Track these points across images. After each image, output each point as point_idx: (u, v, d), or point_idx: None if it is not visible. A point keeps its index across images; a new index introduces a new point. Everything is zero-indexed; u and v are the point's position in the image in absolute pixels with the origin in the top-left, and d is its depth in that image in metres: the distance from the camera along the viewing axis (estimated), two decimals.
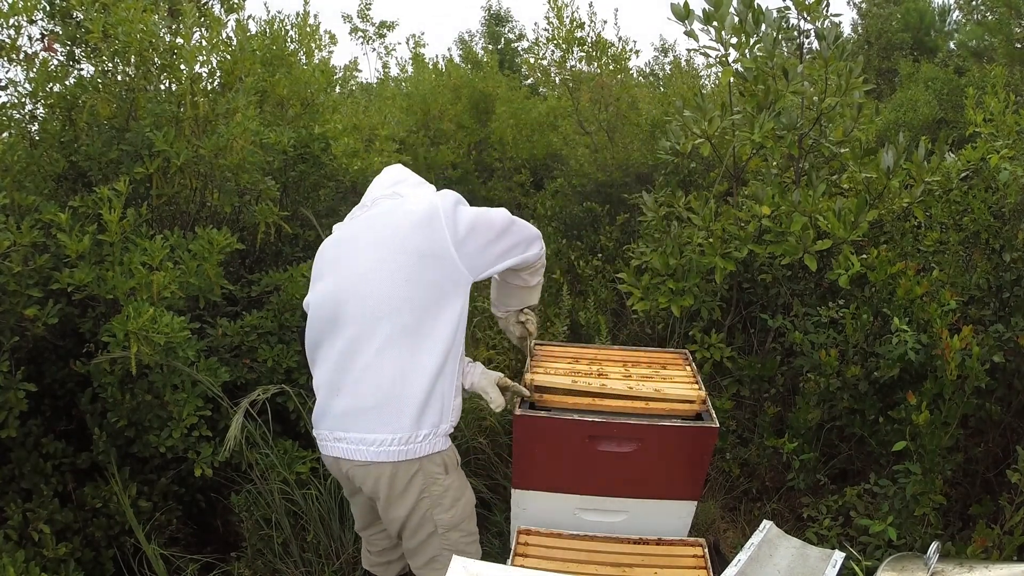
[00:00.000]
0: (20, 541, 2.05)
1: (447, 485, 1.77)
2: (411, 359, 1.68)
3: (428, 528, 1.79)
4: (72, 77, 2.69)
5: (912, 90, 6.82)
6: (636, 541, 1.79)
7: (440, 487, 1.76)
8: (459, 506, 1.80)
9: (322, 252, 1.89)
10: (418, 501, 1.76)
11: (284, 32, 3.81)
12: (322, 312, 1.78)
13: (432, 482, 1.75)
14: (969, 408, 2.10)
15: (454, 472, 1.80)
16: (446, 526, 1.78)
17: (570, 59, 4.99)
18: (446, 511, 1.78)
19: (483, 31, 13.39)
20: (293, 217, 3.24)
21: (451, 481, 1.78)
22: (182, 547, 2.43)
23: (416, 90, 6.23)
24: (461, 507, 1.80)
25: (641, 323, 3.44)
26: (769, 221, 2.44)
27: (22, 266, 2.11)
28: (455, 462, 1.82)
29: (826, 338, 2.46)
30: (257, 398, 2.11)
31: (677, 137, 2.85)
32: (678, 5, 2.54)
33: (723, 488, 2.71)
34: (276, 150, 3.01)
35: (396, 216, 1.76)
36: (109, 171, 2.58)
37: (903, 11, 11.21)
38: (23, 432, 2.18)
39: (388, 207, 1.81)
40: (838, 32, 2.47)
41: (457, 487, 1.80)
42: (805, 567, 1.65)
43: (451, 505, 1.78)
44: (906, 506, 2.06)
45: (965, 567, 1.60)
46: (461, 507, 1.80)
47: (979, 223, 2.54)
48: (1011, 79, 5.52)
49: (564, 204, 4.66)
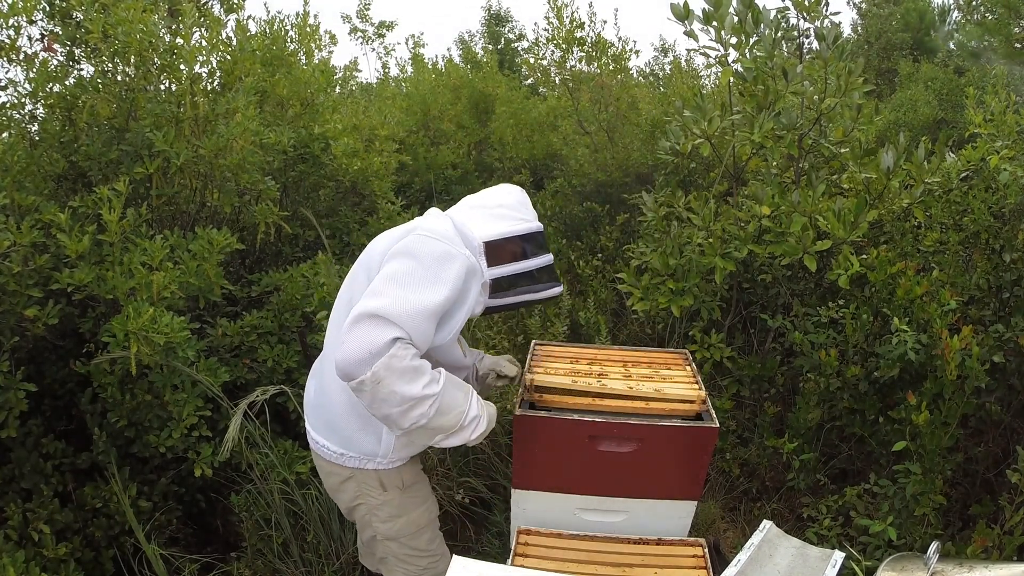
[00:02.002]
0: (20, 541, 2.05)
1: (383, 500, 1.74)
2: (330, 379, 1.66)
3: (370, 531, 1.81)
4: (72, 77, 2.69)
5: (912, 90, 6.82)
6: (636, 541, 1.79)
7: (375, 500, 1.75)
8: (398, 522, 1.76)
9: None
10: (355, 503, 1.78)
11: (284, 32, 3.81)
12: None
13: (366, 492, 1.74)
14: (969, 408, 2.10)
15: (394, 491, 1.74)
16: (384, 535, 1.79)
17: (570, 59, 4.99)
18: (383, 522, 1.77)
19: (483, 31, 13.40)
20: (293, 217, 3.24)
21: (389, 498, 1.74)
22: (182, 547, 2.43)
23: (416, 90, 6.24)
24: (401, 524, 1.77)
25: (641, 323, 3.44)
26: (769, 221, 2.44)
27: (22, 266, 2.11)
28: (399, 483, 1.74)
29: (826, 338, 2.46)
30: (256, 399, 2.11)
31: (677, 137, 2.84)
32: (678, 5, 2.54)
33: (723, 488, 2.71)
34: (276, 150, 3.01)
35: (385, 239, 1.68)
36: (109, 171, 2.58)
37: (903, 11, 11.21)
38: (23, 432, 2.18)
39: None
40: (838, 32, 2.46)
41: (397, 504, 1.75)
42: (805, 567, 1.65)
43: (388, 519, 1.76)
44: (906, 506, 2.07)
45: (965, 567, 1.60)
46: (401, 524, 1.77)
47: (979, 223, 2.54)
48: (1011, 79, 5.51)
49: (564, 204, 4.66)
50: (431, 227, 1.58)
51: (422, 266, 1.47)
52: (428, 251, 1.49)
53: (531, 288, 1.71)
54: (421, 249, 1.49)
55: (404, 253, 1.49)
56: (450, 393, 1.48)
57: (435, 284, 1.46)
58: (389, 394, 1.38)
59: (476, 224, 1.67)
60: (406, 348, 1.39)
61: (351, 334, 1.36)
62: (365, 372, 1.35)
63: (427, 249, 1.49)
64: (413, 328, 1.40)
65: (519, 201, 1.76)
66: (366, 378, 1.35)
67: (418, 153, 5.24)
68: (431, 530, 1.84)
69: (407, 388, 1.38)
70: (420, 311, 1.41)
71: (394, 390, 1.37)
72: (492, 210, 1.71)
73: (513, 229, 1.69)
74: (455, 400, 1.49)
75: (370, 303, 1.38)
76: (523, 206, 1.77)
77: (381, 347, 1.35)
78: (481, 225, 1.67)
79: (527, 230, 1.71)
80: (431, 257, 1.48)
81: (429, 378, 1.43)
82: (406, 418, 1.42)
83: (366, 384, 1.36)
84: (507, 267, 1.67)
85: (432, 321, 1.45)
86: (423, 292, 1.43)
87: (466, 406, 1.51)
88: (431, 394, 1.42)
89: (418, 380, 1.40)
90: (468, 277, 1.55)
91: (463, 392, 1.53)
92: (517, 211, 1.73)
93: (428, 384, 1.42)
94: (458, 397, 1.50)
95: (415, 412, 1.41)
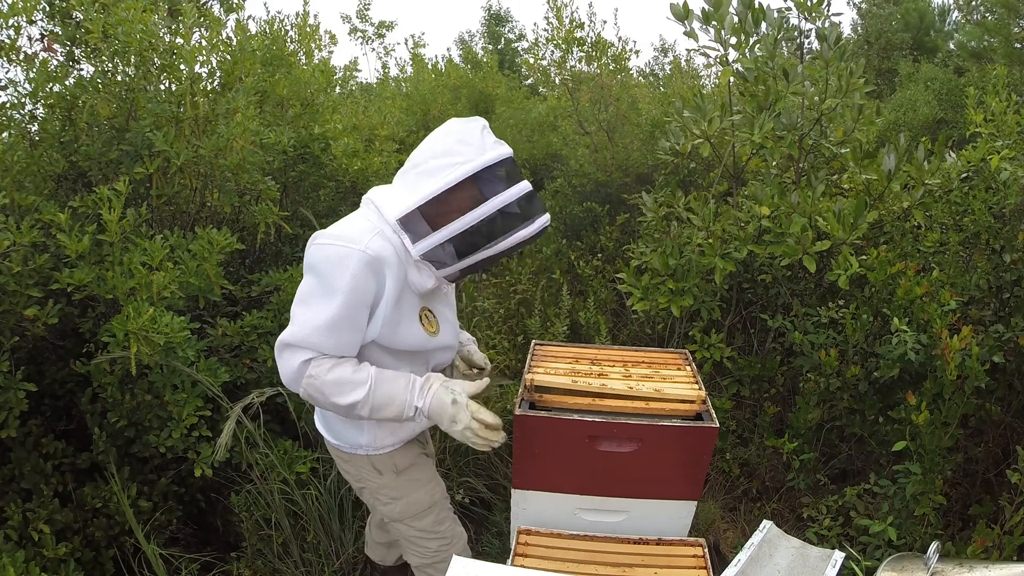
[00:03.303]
0: (20, 541, 2.05)
1: (381, 484, 1.77)
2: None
3: (377, 514, 1.87)
4: (72, 77, 2.69)
5: (912, 90, 6.83)
6: (636, 541, 1.79)
7: (374, 483, 1.78)
8: (398, 504, 1.78)
9: None
10: (359, 486, 1.82)
11: (284, 32, 3.81)
12: None
13: (365, 476, 1.78)
14: (969, 408, 2.10)
15: (390, 475, 1.76)
16: (388, 517, 1.83)
17: (570, 59, 4.99)
18: (384, 505, 1.80)
19: (483, 31, 13.41)
20: (293, 217, 3.24)
21: (386, 481, 1.77)
22: (182, 547, 2.43)
23: (416, 90, 6.24)
24: (402, 506, 1.78)
25: (641, 323, 3.44)
26: (769, 222, 2.44)
27: (22, 266, 2.11)
28: (392, 468, 1.76)
29: (826, 338, 2.46)
30: (252, 402, 2.11)
31: (677, 137, 2.85)
32: (677, 5, 2.54)
33: (723, 488, 2.71)
34: (276, 150, 3.01)
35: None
36: (109, 171, 2.58)
37: (903, 11, 11.22)
38: (23, 432, 2.18)
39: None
40: (838, 33, 2.47)
41: (395, 487, 1.77)
42: (805, 567, 1.65)
43: (388, 501, 1.79)
44: (906, 506, 2.07)
45: (965, 567, 1.60)
46: (402, 506, 1.78)
47: (979, 224, 2.54)
48: (1011, 79, 5.51)
49: (564, 204, 4.66)
50: (329, 231, 1.50)
51: (318, 278, 1.46)
52: (321, 259, 1.46)
53: (504, 234, 1.46)
54: (316, 260, 1.47)
55: (306, 268, 1.50)
56: (383, 389, 1.52)
57: (330, 294, 1.44)
58: (326, 404, 1.52)
59: (392, 198, 1.50)
60: (319, 365, 1.47)
61: (278, 363, 1.50)
62: (299, 391, 1.50)
63: (320, 257, 1.46)
64: (320, 343, 1.46)
65: (459, 139, 1.46)
66: (302, 395, 1.51)
67: None
68: (436, 512, 1.84)
69: (336, 399, 1.49)
70: (319, 327, 1.45)
71: (328, 402, 1.50)
72: (421, 167, 1.47)
73: (438, 184, 1.43)
74: (392, 393, 1.53)
75: (284, 332, 1.48)
76: (462, 144, 1.45)
77: (296, 371, 1.48)
78: (396, 198, 1.49)
79: (463, 174, 1.42)
80: (326, 264, 1.45)
81: (353, 384, 1.49)
82: (352, 415, 1.54)
83: (306, 399, 1.53)
84: (442, 232, 1.46)
85: (340, 330, 1.46)
86: (319, 306, 1.45)
87: (407, 396, 1.54)
88: (358, 400, 1.49)
89: (342, 388, 1.48)
90: (374, 269, 1.45)
91: (402, 384, 1.54)
92: (451, 155, 1.44)
93: (355, 389, 1.49)
94: (395, 390, 1.53)
95: (356, 412, 1.52)
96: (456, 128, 1.49)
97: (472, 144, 1.45)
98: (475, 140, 1.46)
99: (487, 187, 1.45)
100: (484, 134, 1.49)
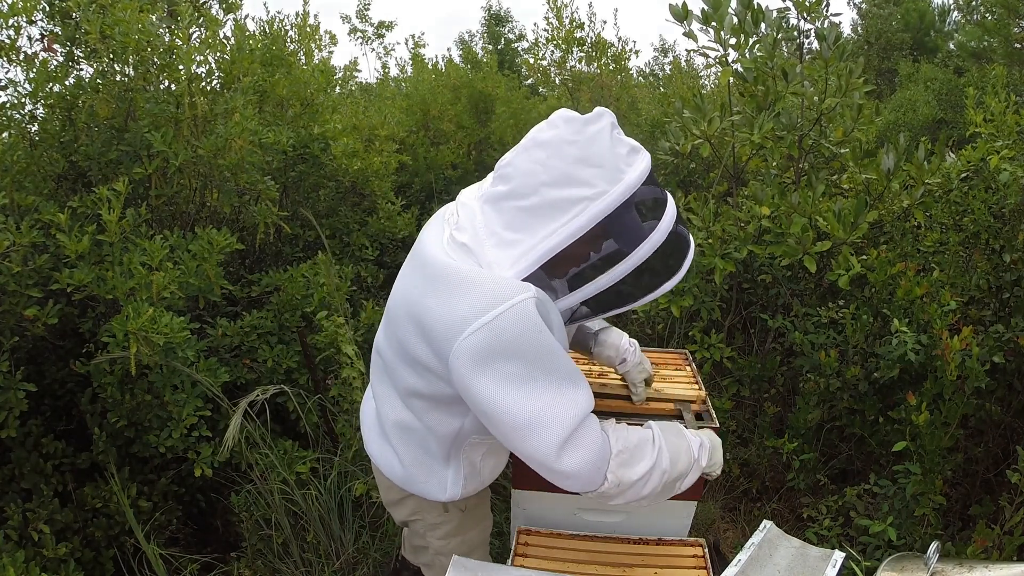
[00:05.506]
0: (20, 541, 2.05)
1: (443, 520, 1.64)
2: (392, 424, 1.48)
3: (421, 542, 1.75)
4: (71, 77, 2.69)
5: (912, 90, 6.83)
6: (636, 541, 1.79)
7: (433, 519, 1.64)
8: (453, 541, 1.67)
9: None
10: (411, 519, 1.69)
11: (284, 32, 3.82)
12: None
13: (425, 511, 1.64)
14: (969, 408, 2.10)
15: (455, 512, 1.62)
16: (437, 551, 1.71)
17: (570, 59, 5.00)
18: (439, 539, 1.67)
19: (483, 31, 13.41)
20: (293, 217, 3.24)
21: (449, 518, 1.64)
22: (182, 547, 2.43)
23: (416, 90, 6.23)
24: (456, 543, 1.67)
25: (641, 323, 3.44)
26: (769, 222, 2.44)
27: (22, 266, 2.11)
28: (462, 506, 1.61)
29: (826, 338, 2.46)
30: (256, 399, 2.10)
31: (677, 138, 2.84)
32: (676, 6, 2.54)
33: (723, 488, 2.71)
34: (276, 150, 3.01)
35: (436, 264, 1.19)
36: (108, 171, 2.58)
37: (903, 11, 11.23)
38: (23, 432, 2.18)
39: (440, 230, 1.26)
40: (838, 33, 2.47)
41: (456, 524, 1.64)
42: (805, 567, 1.65)
43: (444, 537, 1.67)
44: (906, 506, 2.07)
45: (965, 567, 1.59)
46: (456, 543, 1.67)
47: (979, 224, 2.54)
48: (1010, 79, 5.52)
49: None
50: (468, 310, 1.10)
51: (518, 359, 1.10)
52: (499, 338, 1.09)
53: (650, 289, 1.19)
54: (495, 344, 1.09)
55: (488, 370, 1.10)
56: (670, 440, 1.32)
57: (540, 359, 1.11)
58: (630, 483, 1.24)
59: (496, 246, 1.14)
60: (615, 432, 1.25)
61: (573, 483, 1.20)
62: (602, 485, 1.23)
63: (496, 337, 1.08)
64: (584, 409, 1.17)
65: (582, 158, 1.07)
66: (605, 489, 1.23)
67: (418, 153, 5.24)
68: (482, 549, 1.78)
69: (639, 465, 1.25)
70: (569, 395, 1.14)
71: (631, 480, 1.25)
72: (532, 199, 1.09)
73: (565, 233, 1.08)
74: (677, 444, 1.33)
75: (544, 456, 1.15)
76: (588, 165, 1.07)
77: (598, 455, 1.18)
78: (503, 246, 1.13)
79: (596, 216, 1.06)
80: (507, 337, 1.09)
81: (642, 439, 1.28)
82: (648, 488, 1.28)
83: (609, 494, 1.25)
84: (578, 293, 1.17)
85: (580, 380, 1.19)
86: (547, 380, 1.12)
87: (688, 437, 1.36)
88: (652, 463, 1.27)
89: (644, 449, 1.26)
90: (542, 312, 1.12)
91: (673, 430, 1.36)
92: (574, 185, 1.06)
93: (645, 445, 1.28)
94: (674, 437, 1.34)
95: (654, 479, 1.28)
96: (572, 135, 1.08)
97: (604, 166, 1.08)
98: (606, 157, 1.08)
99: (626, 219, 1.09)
100: (615, 141, 1.11)
